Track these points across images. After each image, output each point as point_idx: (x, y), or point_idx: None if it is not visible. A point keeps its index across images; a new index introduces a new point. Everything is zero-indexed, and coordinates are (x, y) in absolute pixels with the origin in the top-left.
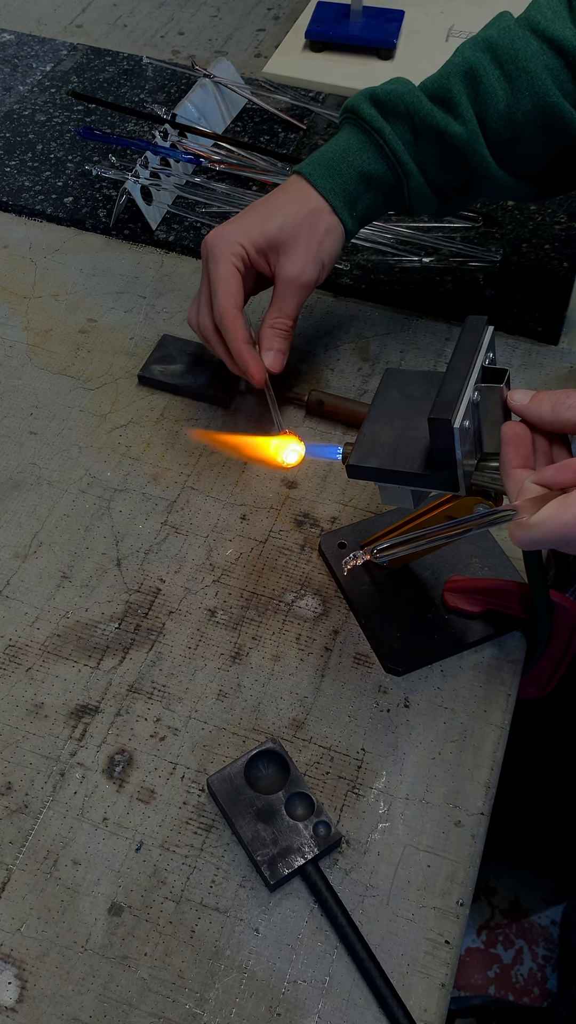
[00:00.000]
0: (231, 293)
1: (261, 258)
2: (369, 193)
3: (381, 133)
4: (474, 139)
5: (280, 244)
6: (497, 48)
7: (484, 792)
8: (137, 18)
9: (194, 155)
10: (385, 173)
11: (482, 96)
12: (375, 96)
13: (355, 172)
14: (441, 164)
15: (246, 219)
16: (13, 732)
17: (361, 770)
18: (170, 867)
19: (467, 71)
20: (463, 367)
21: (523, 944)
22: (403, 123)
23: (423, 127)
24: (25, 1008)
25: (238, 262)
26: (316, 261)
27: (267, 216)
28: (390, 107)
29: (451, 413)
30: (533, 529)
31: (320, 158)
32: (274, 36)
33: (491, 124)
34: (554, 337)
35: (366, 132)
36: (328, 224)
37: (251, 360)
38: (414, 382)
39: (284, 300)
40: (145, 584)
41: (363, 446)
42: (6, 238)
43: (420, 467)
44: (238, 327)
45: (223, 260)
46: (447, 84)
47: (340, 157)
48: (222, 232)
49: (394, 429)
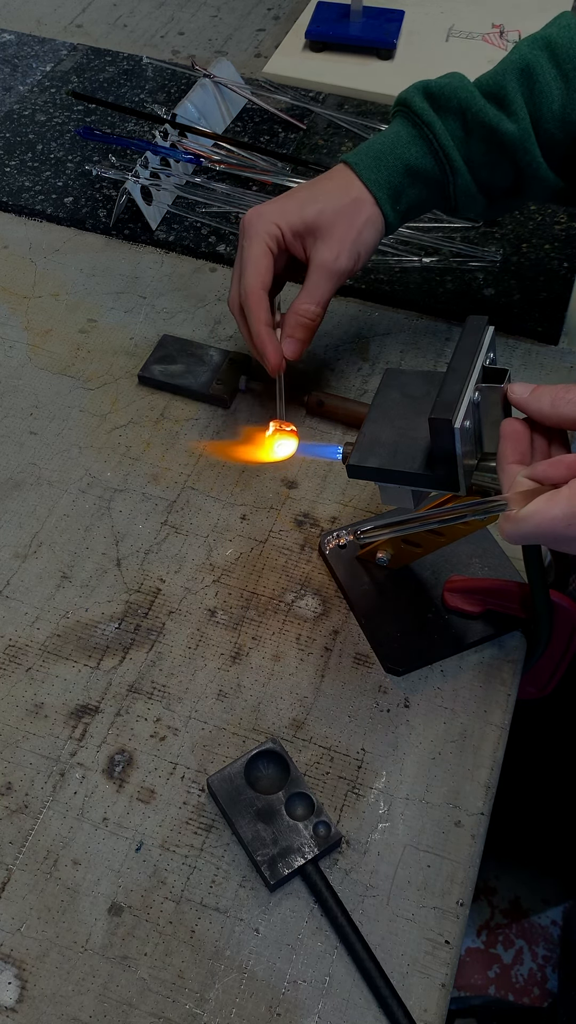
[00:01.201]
0: (259, 273)
1: (297, 241)
2: (415, 187)
3: (431, 127)
4: (526, 138)
5: (317, 229)
6: (555, 47)
7: (484, 792)
8: (137, 18)
9: (194, 155)
10: (432, 168)
11: (537, 95)
12: (428, 89)
13: (402, 165)
14: (490, 163)
15: (287, 201)
16: (13, 732)
17: (361, 770)
18: (170, 867)
19: (523, 69)
20: (463, 367)
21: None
22: (455, 118)
23: (475, 123)
24: (25, 1008)
25: (272, 242)
26: (352, 250)
27: (308, 200)
28: (443, 101)
29: (452, 413)
30: (522, 523)
31: (368, 148)
32: (274, 36)
33: (544, 124)
34: (554, 337)
35: (416, 125)
36: (369, 215)
37: (269, 344)
38: (414, 382)
39: (315, 285)
40: (145, 584)
41: (363, 446)
42: (6, 238)
43: (420, 467)
44: (261, 308)
45: (256, 239)
46: (502, 81)
47: (388, 149)
48: (261, 211)
49: (394, 429)
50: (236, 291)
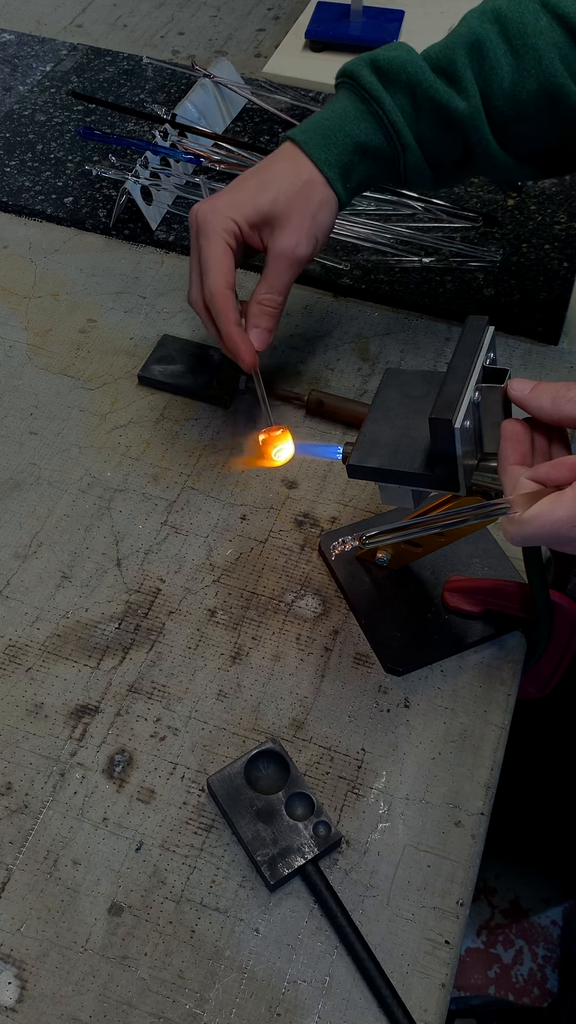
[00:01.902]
0: (223, 272)
1: (254, 233)
2: (364, 164)
3: (381, 103)
4: (476, 116)
5: (273, 218)
6: (505, 21)
7: (484, 792)
8: (137, 18)
9: (194, 155)
10: (382, 144)
11: (487, 71)
12: (376, 62)
13: (351, 142)
14: (439, 138)
15: (238, 192)
16: (13, 732)
17: (361, 770)
18: (170, 867)
19: (473, 43)
20: (464, 367)
21: (523, 944)
22: (404, 94)
23: (424, 100)
24: (25, 1008)
25: (230, 239)
26: (311, 236)
27: (260, 189)
28: (392, 75)
29: (452, 413)
30: (525, 525)
31: (315, 125)
32: (274, 36)
33: (494, 101)
34: (554, 337)
35: (364, 100)
36: (322, 197)
37: (241, 343)
38: (414, 382)
39: (276, 275)
40: (145, 584)
41: (363, 446)
42: (6, 238)
43: (420, 467)
44: (229, 309)
45: (215, 237)
46: (452, 56)
47: (336, 125)
48: (214, 206)
49: (394, 429)
50: (197, 290)
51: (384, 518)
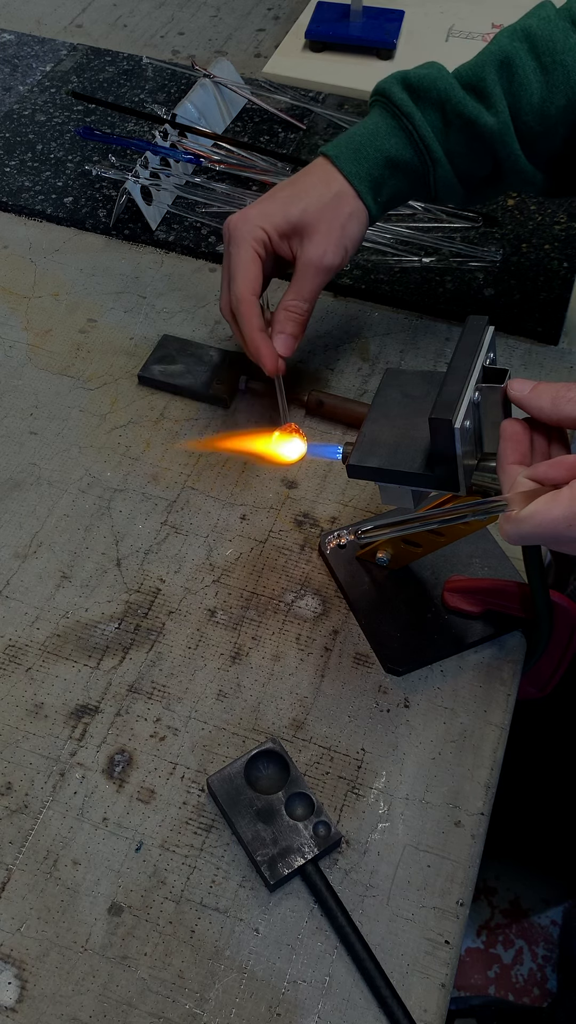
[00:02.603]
0: (249, 279)
1: (284, 243)
2: (395, 178)
3: (411, 119)
4: (505, 131)
5: (303, 228)
6: (535, 39)
7: (484, 792)
8: (137, 18)
9: (194, 155)
10: (412, 159)
11: (516, 87)
12: (407, 80)
13: (382, 157)
14: (469, 153)
15: (269, 203)
16: (13, 732)
17: (361, 770)
18: (170, 867)
19: (503, 60)
20: (464, 367)
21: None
22: (434, 110)
23: (454, 115)
24: (25, 1008)
25: (259, 247)
26: (339, 246)
27: (290, 199)
28: (422, 92)
29: (452, 413)
30: (522, 523)
31: (347, 140)
32: (274, 36)
33: (523, 117)
34: (554, 337)
35: (396, 117)
36: (352, 208)
37: (264, 349)
38: (414, 382)
39: (303, 283)
40: (145, 584)
41: (363, 446)
42: (6, 238)
43: (420, 467)
44: (253, 315)
45: (243, 245)
46: (481, 73)
47: (368, 141)
48: (245, 216)
49: (394, 429)
50: (227, 297)
51: (383, 518)
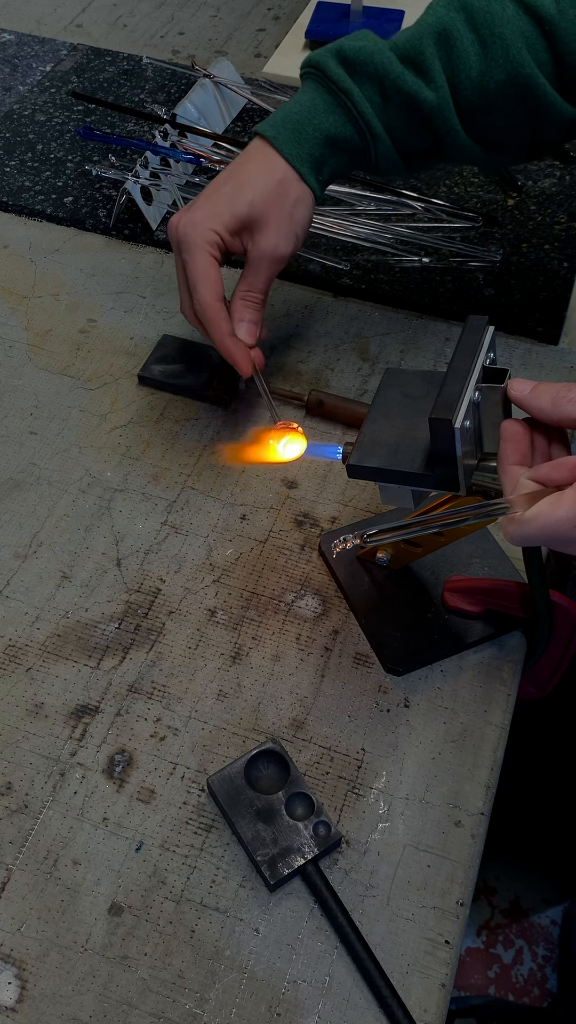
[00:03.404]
0: (211, 285)
1: (236, 239)
2: (335, 156)
3: (349, 95)
4: (444, 106)
5: (252, 222)
6: (472, 9)
7: (484, 792)
8: (137, 18)
9: (194, 155)
10: (352, 136)
11: (455, 61)
12: (343, 53)
13: (321, 135)
14: (408, 128)
15: (215, 201)
16: (13, 732)
17: (361, 770)
18: (170, 867)
19: (440, 32)
20: (464, 367)
21: (523, 944)
22: (372, 85)
23: (393, 90)
24: (25, 1008)
25: (214, 250)
26: (290, 234)
27: (235, 194)
28: (359, 66)
29: (452, 413)
30: (526, 525)
31: (284, 119)
32: (274, 36)
33: (462, 91)
34: (554, 337)
35: (332, 92)
36: (298, 193)
37: (237, 352)
38: (414, 382)
39: (256, 274)
40: (145, 584)
41: (363, 446)
42: (6, 238)
43: (420, 467)
44: (221, 319)
45: (198, 250)
46: (420, 46)
47: (305, 119)
48: (193, 219)
49: (394, 429)
50: (188, 303)
51: (384, 518)
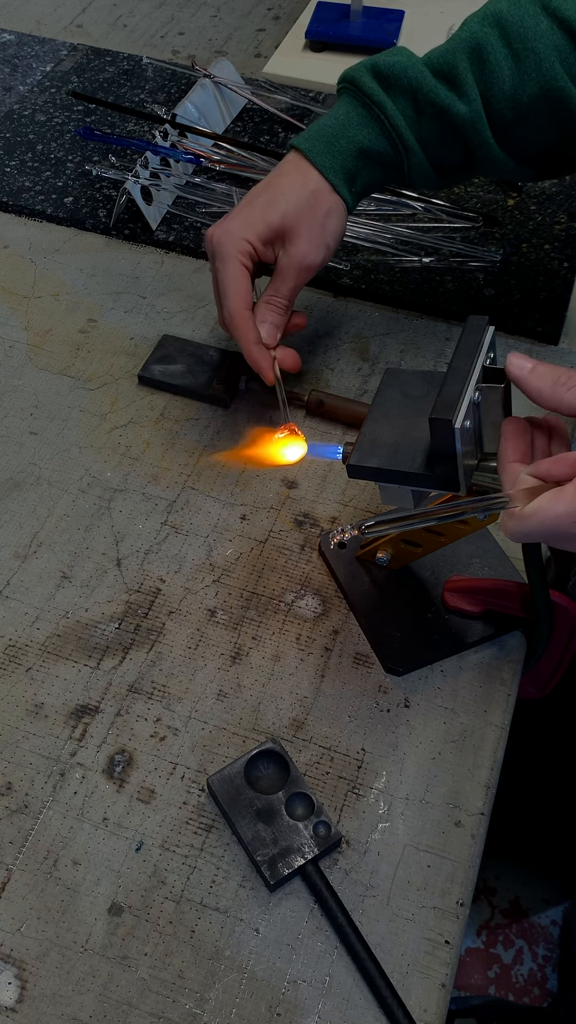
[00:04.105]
0: (240, 294)
1: (268, 249)
2: (368, 169)
3: (383, 108)
4: (477, 119)
5: (284, 231)
6: (506, 24)
7: (484, 792)
8: (137, 18)
9: (194, 155)
10: (386, 149)
11: (488, 75)
12: (377, 68)
13: (355, 148)
14: (442, 141)
15: (249, 211)
16: (13, 732)
17: (361, 770)
18: (170, 867)
19: (474, 47)
20: (464, 367)
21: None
22: (406, 98)
23: (426, 104)
24: (25, 1008)
25: (246, 259)
26: (321, 245)
27: (269, 205)
28: (393, 80)
29: (452, 413)
30: (525, 520)
31: (319, 132)
32: (274, 36)
33: (495, 104)
34: (554, 337)
35: (366, 106)
36: (330, 204)
37: (262, 360)
38: (414, 382)
39: (283, 281)
40: (145, 584)
41: (363, 446)
42: (6, 238)
43: (421, 467)
44: (248, 328)
45: (230, 260)
46: (453, 60)
47: (340, 132)
48: (228, 229)
49: (395, 429)
50: (221, 312)
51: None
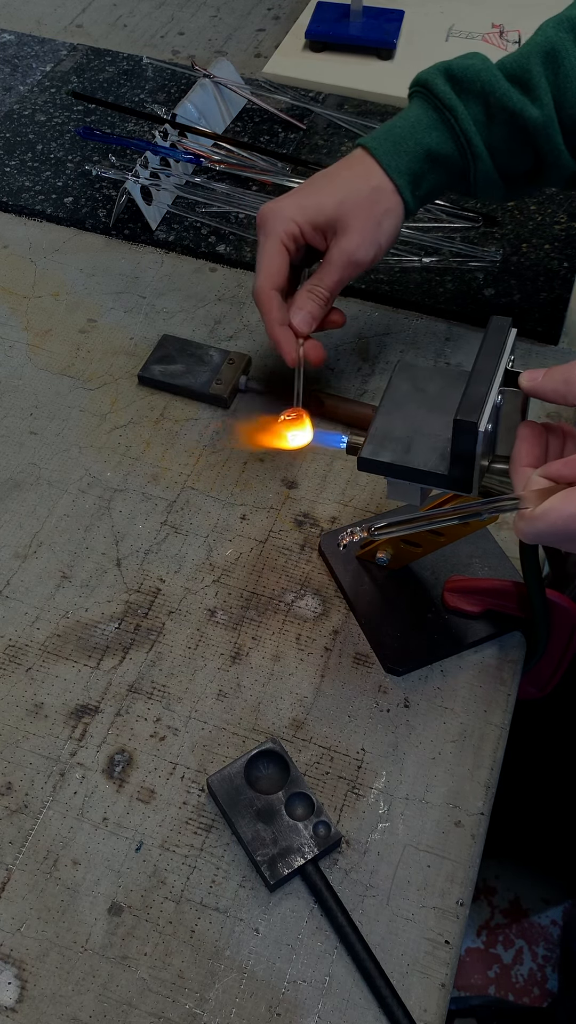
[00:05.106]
0: (271, 273)
1: (317, 235)
2: (434, 172)
3: (453, 112)
4: (549, 124)
5: (337, 221)
6: None
7: (484, 792)
8: (137, 18)
9: (194, 155)
10: (453, 153)
11: (561, 80)
12: (450, 71)
13: (422, 150)
14: (511, 147)
15: (305, 194)
16: (13, 732)
17: (361, 770)
18: (170, 867)
19: (548, 52)
20: (488, 368)
21: (523, 944)
22: (478, 102)
23: (497, 108)
24: (25, 1008)
25: (288, 240)
26: (373, 242)
27: (326, 191)
28: (465, 84)
29: (478, 415)
30: (537, 521)
31: (387, 132)
32: (274, 36)
33: (568, 110)
34: (554, 337)
35: (437, 109)
36: (389, 204)
37: (283, 342)
38: (427, 377)
39: (329, 273)
40: (145, 584)
41: (376, 439)
42: (6, 238)
43: (435, 465)
44: (272, 307)
45: (272, 237)
46: (527, 64)
47: (408, 133)
48: (279, 206)
49: (407, 424)
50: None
51: (384, 517)
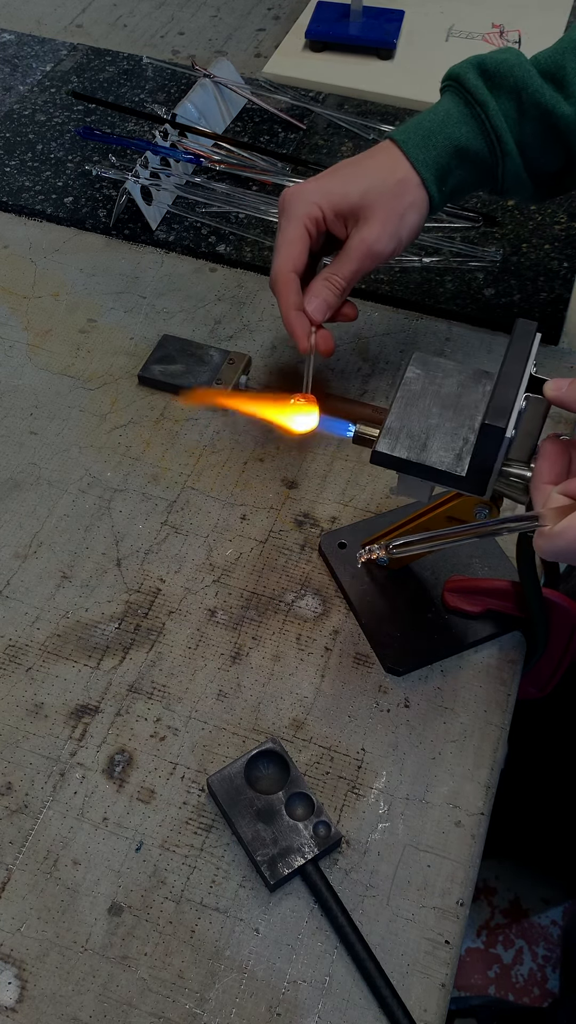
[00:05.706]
0: (291, 257)
1: (339, 222)
2: (462, 168)
3: (484, 107)
4: None
5: (360, 210)
6: None
7: (484, 792)
8: (137, 18)
9: (194, 155)
10: (482, 149)
11: None
12: (484, 65)
13: (451, 145)
14: (542, 145)
15: (330, 179)
16: (13, 732)
17: (361, 770)
18: (170, 867)
19: None
20: (515, 373)
21: (523, 944)
22: (510, 98)
23: (529, 104)
24: (25, 1008)
25: (310, 224)
26: (394, 235)
27: (351, 179)
28: (498, 79)
29: (504, 421)
30: (556, 539)
31: (416, 126)
32: (274, 36)
33: None
34: (554, 337)
35: (468, 104)
36: (414, 198)
37: (298, 327)
38: (443, 373)
39: (347, 262)
40: (145, 584)
41: (391, 433)
42: (6, 238)
43: (451, 466)
44: (289, 292)
45: (295, 220)
46: (561, 60)
47: (437, 127)
48: (303, 189)
49: (423, 421)
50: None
51: (384, 517)
